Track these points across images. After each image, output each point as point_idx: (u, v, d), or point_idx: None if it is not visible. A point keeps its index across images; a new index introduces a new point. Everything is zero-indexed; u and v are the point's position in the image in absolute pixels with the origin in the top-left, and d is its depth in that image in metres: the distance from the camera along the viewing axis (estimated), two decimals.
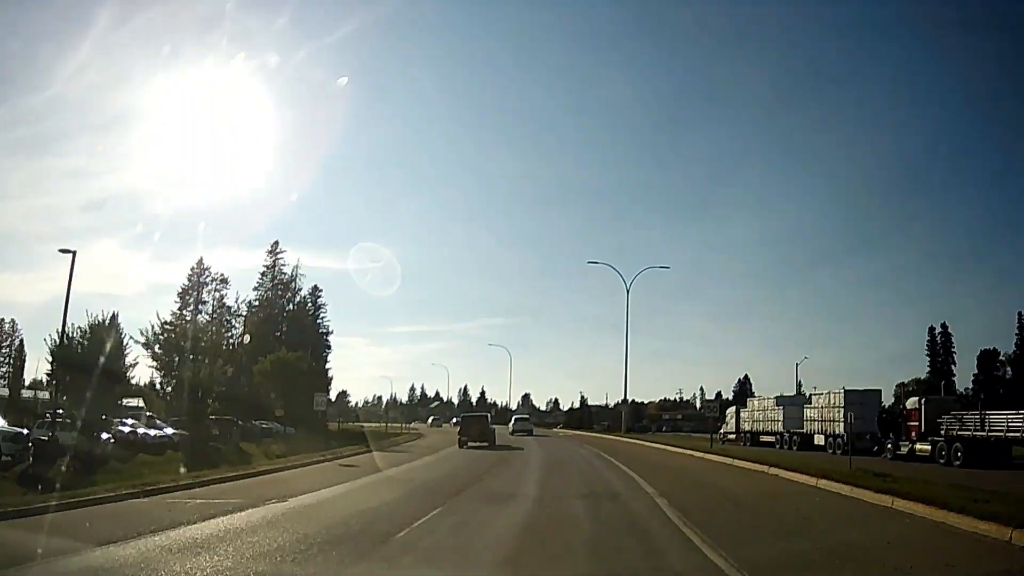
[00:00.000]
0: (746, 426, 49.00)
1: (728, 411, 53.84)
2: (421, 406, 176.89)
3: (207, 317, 71.80)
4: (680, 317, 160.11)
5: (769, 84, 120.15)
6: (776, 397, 46.78)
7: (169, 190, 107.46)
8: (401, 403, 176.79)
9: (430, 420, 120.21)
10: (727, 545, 9.89)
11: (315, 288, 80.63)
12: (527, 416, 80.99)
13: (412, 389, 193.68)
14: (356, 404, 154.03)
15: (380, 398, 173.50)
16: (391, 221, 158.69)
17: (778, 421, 44.59)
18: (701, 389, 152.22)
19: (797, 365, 73.42)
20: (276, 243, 78.33)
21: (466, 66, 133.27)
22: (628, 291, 57.58)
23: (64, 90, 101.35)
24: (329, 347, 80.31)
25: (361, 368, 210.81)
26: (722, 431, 53.63)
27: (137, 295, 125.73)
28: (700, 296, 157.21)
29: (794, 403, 45.18)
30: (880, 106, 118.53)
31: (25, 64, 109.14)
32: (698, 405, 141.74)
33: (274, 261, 77.33)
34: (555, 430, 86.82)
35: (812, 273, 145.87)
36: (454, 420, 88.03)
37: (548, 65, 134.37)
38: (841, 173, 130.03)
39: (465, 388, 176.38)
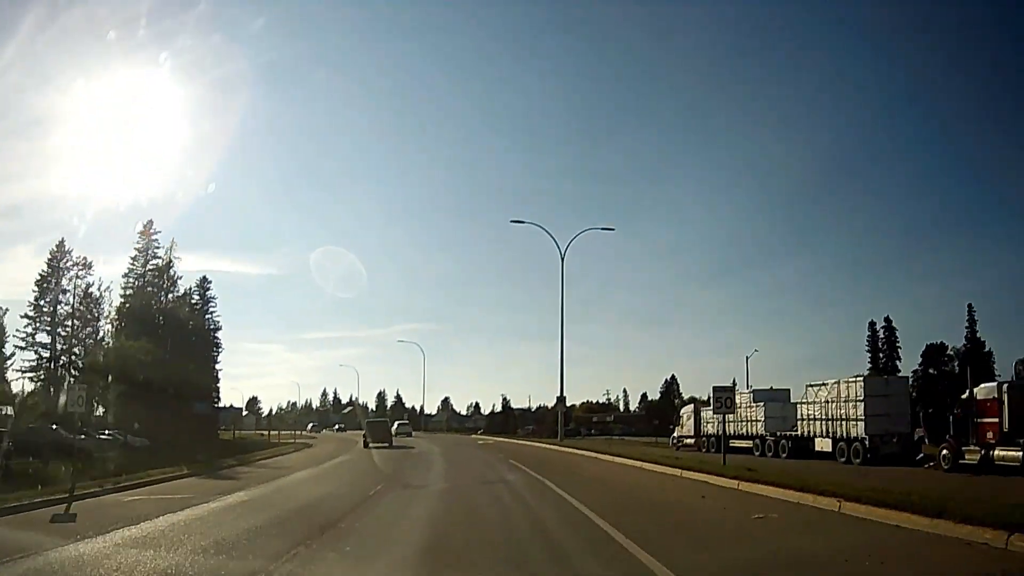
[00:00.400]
0: (709, 428, 39.16)
1: (684, 411, 44.17)
2: (334, 411, 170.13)
3: (68, 308, 58.19)
4: (599, 322, 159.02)
5: (691, 85, 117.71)
6: (752, 391, 37.02)
7: (88, 194, 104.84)
8: (317, 409, 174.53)
9: (336, 426, 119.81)
10: None
11: (203, 280, 70.46)
12: (407, 421, 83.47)
13: (324, 394, 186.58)
14: (271, 411, 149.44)
15: (295, 404, 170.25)
16: (307, 225, 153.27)
17: (757, 422, 34.90)
18: (624, 391, 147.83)
19: (747, 358, 65.38)
20: (150, 222, 64.11)
21: (380, 64, 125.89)
22: (563, 258, 46.88)
23: None
24: (219, 347, 71.02)
25: (277, 375, 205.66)
26: (676, 435, 43.83)
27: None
28: (619, 301, 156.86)
29: (776, 398, 35.66)
30: (811, 100, 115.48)
31: None
32: (624, 407, 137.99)
33: (147, 244, 63.16)
34: (474, 437, 75.29)
35: (736, 275, 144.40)
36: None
37: (462, 64, 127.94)
38: (769, 172, 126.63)
39: (382, 393, 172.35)
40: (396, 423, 72.23)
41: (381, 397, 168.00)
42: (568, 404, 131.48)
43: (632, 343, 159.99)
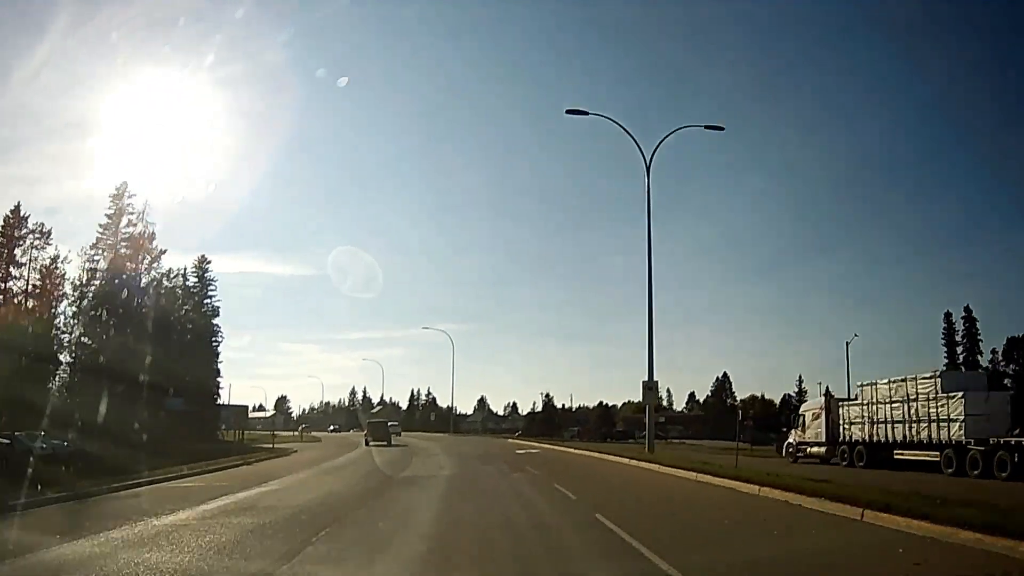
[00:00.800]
0: (856, 432, 27.13)
1: (807, 409, 32.02)
2: (363, 411, 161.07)
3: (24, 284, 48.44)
4: (635, 322, 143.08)
5: (720, 92, 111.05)
6: (939, 373, 24.46)
7: (124, 196, 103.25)
8: (347, 408, 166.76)
9: (331, 428, 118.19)
10: None
11: (202, 259, 61.92)
12: (395, 422, 77.60)
13: (353, 393, 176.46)
14: (303, 411, 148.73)
15: (327, 404, 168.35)
16: (346, 227, 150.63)
17: (946, 423, 22.67)
18: (668, 391, 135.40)
19: (848, 344, 51.20)
20: (124, 184, 53.81)
21: (422, 68, 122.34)
22: (648, 174, 33.18)
23: (18, 96, 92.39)
24: (218, 335, 63.98)
25: (312, 375, 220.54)
26: (793, 440, 31.84)
27: None
28: (657, 299, 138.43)
29: (975, 386, 23.51)
30: (848, 99, 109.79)
31: None
32: (667, 407, 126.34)
33: (118, 209, 52.87)
34: (512, 441, 62.88)
35: (782, 271, 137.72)
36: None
37: (500, 66, 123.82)
38: (792, 178, 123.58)
39: (414, 392, 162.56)
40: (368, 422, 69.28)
41: (413, 396, 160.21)
42: (610, 405, 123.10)
43: (670, 342, 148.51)
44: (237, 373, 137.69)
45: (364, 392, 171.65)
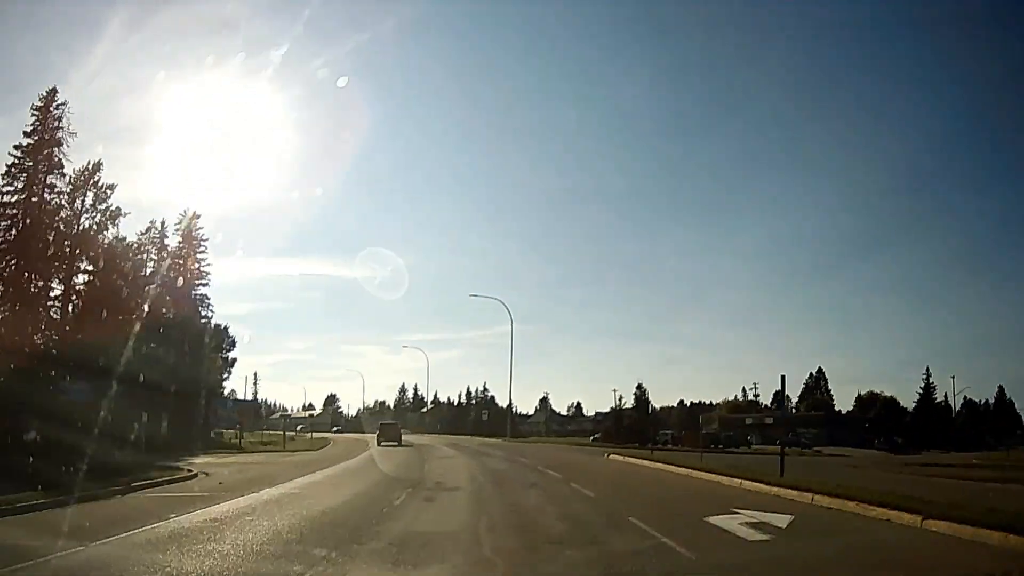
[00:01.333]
0: None
1: None
2: (413, 410, 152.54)
3: None
4: (692, 321, 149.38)
5: (777, 88, 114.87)
6: None
7: (183, 199, 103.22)
8: (399, 407, 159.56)
9: (334, 428, 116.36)
10: None
11: (193, 215, 50.64)
12: (394, 422, 70.26)
13: (403, 390, 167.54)
14: (357, 410, 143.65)
15: (383, 403, 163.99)
16: (405, 229, 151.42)
17: None
18: (744, 389, 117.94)
19: None
20: (53, 90, 38.89)
21: (482, 73, 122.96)
22: None
23: (75, 100, 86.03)
24: (208, 308, 55.42)
25: (374, 375, 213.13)
26: None
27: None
28: (708, 302, 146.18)
29: None
30: (890, 107, 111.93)
31: (35, 74, 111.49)
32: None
33: (42, 121, 37.92)
34: (612, 456, 43.03)
35: (839, 270, 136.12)
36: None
37: (563, 72, 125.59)
38: (853, 175, 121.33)
39: (472, 391, 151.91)
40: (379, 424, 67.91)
41: (471, 395, 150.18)
42: (665, 406, 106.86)
43: (725, 343, 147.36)
44: (299, 374, 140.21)
45: (415, 390, 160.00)
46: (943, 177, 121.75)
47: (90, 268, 38.96)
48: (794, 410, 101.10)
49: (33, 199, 35.92)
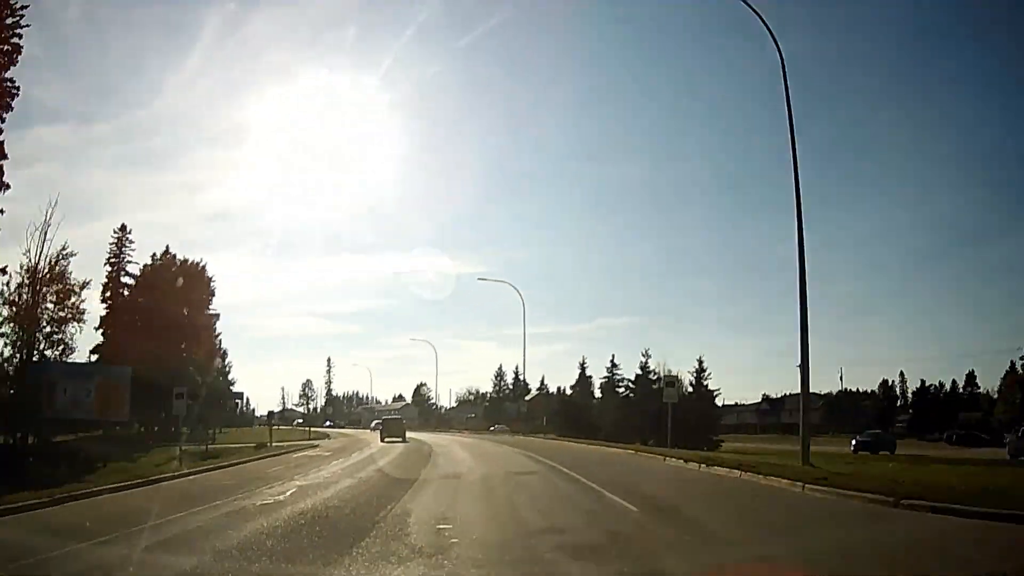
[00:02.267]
0: None
1: None
2: (512, 400, 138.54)
3: None
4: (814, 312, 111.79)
5: (884, 71, 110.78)
6: None
7: (286, 200, 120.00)
8: (495, 397, 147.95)
9: (327, 423, 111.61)
10: None
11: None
12: (399, 417, 67.81)
13: (500, 376, 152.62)
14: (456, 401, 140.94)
15: (484, 393, 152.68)
16: (510, 224, 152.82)
17: None
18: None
19: None
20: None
21: (580, 67, 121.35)
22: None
23: (173, 104, 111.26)
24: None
25: (482, 370, 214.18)
26: None
27: (257, 303, 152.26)
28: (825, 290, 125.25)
29: None
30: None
31: (131, 79, 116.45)
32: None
33: None
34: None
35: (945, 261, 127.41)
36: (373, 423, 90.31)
37: (666, 61, 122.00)
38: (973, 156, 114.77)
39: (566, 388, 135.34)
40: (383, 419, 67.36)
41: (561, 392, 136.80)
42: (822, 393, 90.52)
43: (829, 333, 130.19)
44: (409, 368, 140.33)
45: (515, 373, 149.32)
46: None
47: None
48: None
49: None
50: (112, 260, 50.89)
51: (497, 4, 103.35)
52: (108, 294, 49.87)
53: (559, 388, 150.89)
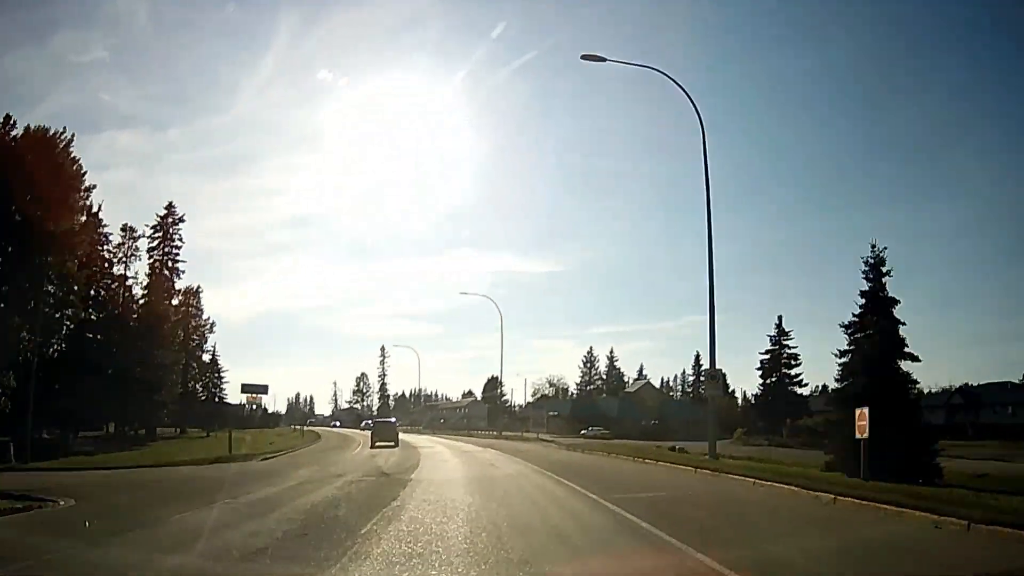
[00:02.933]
0: None
1: None
2: (575, 401, 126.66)
3: None
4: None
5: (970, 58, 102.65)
6: None
7: (363, 202, 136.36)
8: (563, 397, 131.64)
9: (333, 424, 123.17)
10: None
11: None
12: (391, 420, 58.93)
13: (591, 360, 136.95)
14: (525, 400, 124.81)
15: (565, 388, 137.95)
16: (590, 222, 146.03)
17: None
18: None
19: None
20: None
21: (666, 52, 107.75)
22: None
23: (248, 109, 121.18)
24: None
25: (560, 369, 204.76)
26: None
27: (344, 303, 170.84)
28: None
29: None
30: None
31: (205, 85, 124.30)
32: None
33: None
34: None
35: None
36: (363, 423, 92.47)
37: (747, 52, 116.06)
38: None
39: (666, 380, 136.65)
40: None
41: (664, 385, 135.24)
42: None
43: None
44: (487, 368, 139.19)
45: (613, 361, 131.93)
46: None
47: None
48: None
49: None
50: None
51: (572, 12, 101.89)
52: None
53: (664, 380, 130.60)
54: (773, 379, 74.40)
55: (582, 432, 75.10)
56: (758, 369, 75.52)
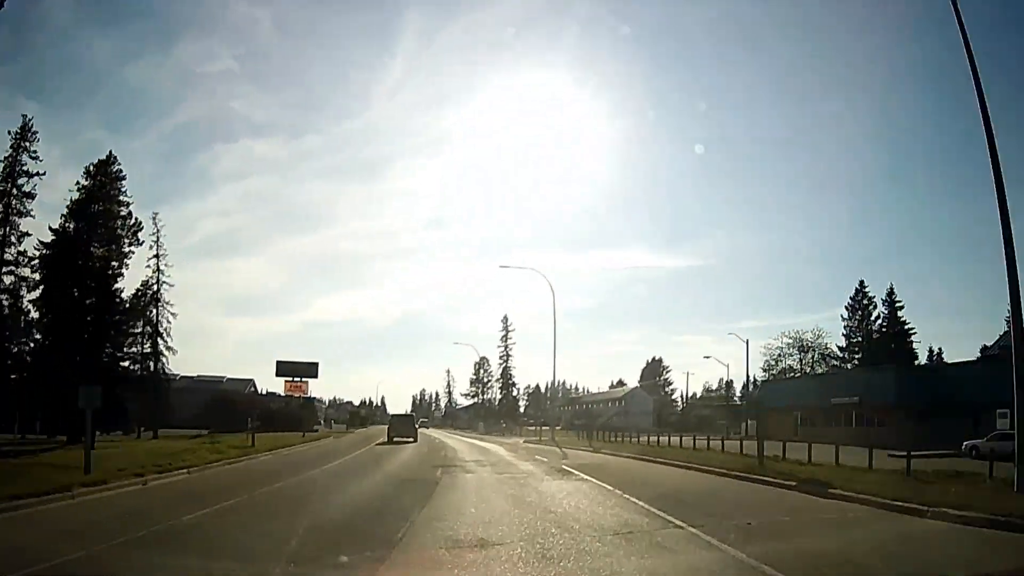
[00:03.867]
0: None
1: None
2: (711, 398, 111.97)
3: None
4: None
5: None
6: None
7: (499, 201, 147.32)
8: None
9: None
10: None
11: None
12: (410, 414, 62.09)
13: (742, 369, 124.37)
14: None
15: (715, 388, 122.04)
16: (723, 214, 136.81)
17: None
18: None
19: None
20: None
21: (778, 50, 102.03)
22: None
23: (382, 113, 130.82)
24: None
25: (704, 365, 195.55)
26: None
27: (477, 300, 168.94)
28: None
29: None
30: None
31: (337, 91, 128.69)
32: None
33: None
34: None
35: None
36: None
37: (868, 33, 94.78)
38: None
39: None
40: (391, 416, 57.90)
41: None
42: None
43: None
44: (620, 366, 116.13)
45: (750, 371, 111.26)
46: None
47: None
48: None
49: None
50: None
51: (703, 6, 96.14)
52: None
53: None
54: None
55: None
56: None
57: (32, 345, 41.18)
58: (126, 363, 45.63)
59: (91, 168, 42.68)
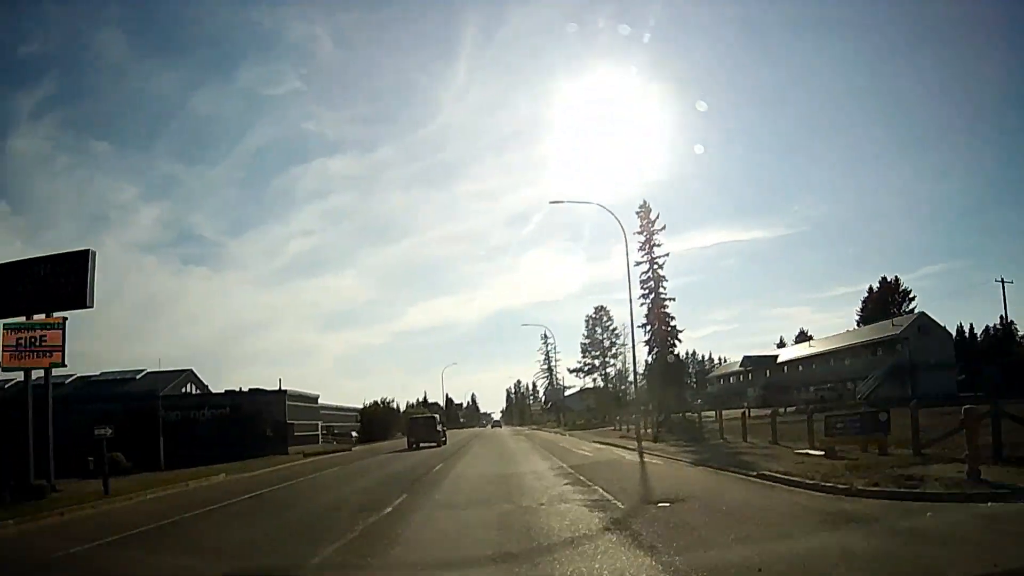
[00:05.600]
0: None
1: None
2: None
3: None
4: None
5: None
6: None
7: (580, 193, 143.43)
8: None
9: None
10: None
11: None
12: (431, 415, 51.35)
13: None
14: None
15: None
16: (814, 182, 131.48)
17: None
18: None
19: None
20: None
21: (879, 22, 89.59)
22: None
23: (452, 116, 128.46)
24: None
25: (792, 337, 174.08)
26: None
27: (569, 296, 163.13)
28: None
29: None
30: None
31: (405, 100, 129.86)
32: None
33: None
34: None
35: None
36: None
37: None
38: None
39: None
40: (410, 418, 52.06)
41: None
42: None
43: None
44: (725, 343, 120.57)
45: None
46: None
47: None
48: None
49: None
50: None
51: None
52: None
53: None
54: None
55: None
56: None
57: None
58: None
59: None
